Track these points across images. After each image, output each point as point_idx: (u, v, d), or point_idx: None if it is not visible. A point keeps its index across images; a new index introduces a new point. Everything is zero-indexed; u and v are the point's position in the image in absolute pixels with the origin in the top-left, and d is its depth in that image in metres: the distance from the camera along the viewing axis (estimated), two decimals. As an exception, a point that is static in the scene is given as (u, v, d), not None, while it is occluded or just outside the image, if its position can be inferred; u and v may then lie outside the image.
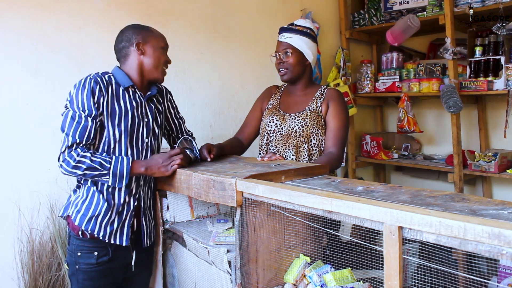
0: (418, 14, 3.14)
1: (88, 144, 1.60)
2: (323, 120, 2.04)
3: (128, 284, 1.82)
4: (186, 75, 2.69)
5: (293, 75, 2.06)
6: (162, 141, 1.89)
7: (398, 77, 3.39)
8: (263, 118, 2.15)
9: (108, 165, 1.57)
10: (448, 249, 0.95)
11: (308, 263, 1.46)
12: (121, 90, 1.69)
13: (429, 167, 3.23)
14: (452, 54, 2.91)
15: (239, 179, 1.42)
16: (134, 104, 1.70)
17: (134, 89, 1.72)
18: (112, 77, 1.70)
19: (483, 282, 0.95)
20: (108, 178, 1.59)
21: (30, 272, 2.07)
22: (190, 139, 1.92)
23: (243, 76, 2.96)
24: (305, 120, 2.01)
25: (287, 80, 2.09)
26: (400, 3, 3.26)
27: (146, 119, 1.74)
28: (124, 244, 1.69)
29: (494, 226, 0.82)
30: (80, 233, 1.65)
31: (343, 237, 1.37)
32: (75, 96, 1.61)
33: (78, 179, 1.71)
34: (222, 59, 2.87)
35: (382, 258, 1.01)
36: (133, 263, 1.75)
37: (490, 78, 2.86)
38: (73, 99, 1.61)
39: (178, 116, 1.97)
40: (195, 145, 1.89)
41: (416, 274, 1.10)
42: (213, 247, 1.62)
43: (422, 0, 3.13)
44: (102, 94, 1.62)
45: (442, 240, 0.91)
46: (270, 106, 2.16)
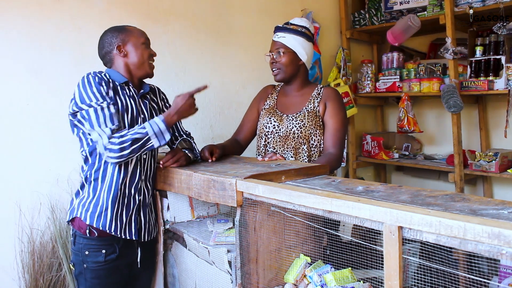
0: (418, 14, 3.13)
1: (121, 128, 1.63)
2: (321, 120, 2.03)
3: (134, 281, 1.83)
4: (187, 75, 2.69)
5: (285, 75, 2.05)
6: None
7: (398, 77, 3.39)
8: (261, 119, 2.14)
9: (144, 130, 1.59)
10: (448, 249, 0.95)
11: (308, 263, 1.46)
12: (119, 87, 1.71)
13: (429, 167, 3.23)
14: (452, 54, 2.91)
15: (239, 179, 1.42)
16: (131, 100, 1.73)
17: (129, 85, 1.74)
18: (108, 74, 1.72)
19: (484, 282, 0.95)
20: (152, 141, 1.60)
21: (31, 272, 2.07)
22: (189, 140, 1.93)
23: (244, 76, 2.96)
24: (303, 121, 2.00)
25: (280, 80, 2.08)
26: (400, 3, 3.26)
27: (142, 115, 1.76)
28: (134, 238, 1.72)
29: (494, 226, 0.82)
30: (87, 231, 1.66)
31: (344, 237, 1.37)
32: (85, 93, 1.61)
33: (85, 176, 1.70)
34: (223, 59, 2.87)
35: (382, 258, 1.01)
36: (138, 260, 1.77)
37: (490, 78, 2.85)
38: (84, 98, 1.61)
39: None
40: (195, 145, 1.90)
41: (416, 274, 1.10)
42: (213, 247, 1.62)
43: (423, 0, 3.13)
44: (107, 87, 1.65)
45: (442, 240, 0.91)
46: (267, 107, 2.15)
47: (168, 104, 1.96)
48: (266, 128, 2.07)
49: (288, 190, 1.26)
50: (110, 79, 1.70)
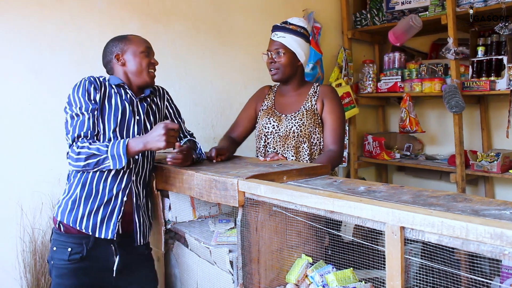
0: (420, 14, 3.13)
1: (89, 136, 1.61)
2: (320, 118, 2.04)
3: None
4: (188, 76, 2.69)
5: (284, 76, 2.06)
6: None
7: (400, 77, 3.39)
8: (259, 120, 2.13)
9: (105, 148, 1.56)
10: (450, 249, 0.95)
11: (310, 263, 1.46)
12: (113, 91, 1.72)
13: (431, 167, 3.23)
14: (454, 54, 2.91)
15: (241, 179, 1.42)
16: (125, 102, 1.73)
17: (125, 89, 1.75)
18: (106, 78, 1.75)
19: (486, 282, 0.95)
20: (109, 162, 1.56)
21: (33, 272, 2.08)
22: (194, 140, 1.93)
23: (245, 76, 2.96)
24: (302, 119, 2.00)
25: (278, 80, 2.09)
26: (402, 3, 3.25)
27: (137, 117, 1.75)
28: (109, 236, 1.65)
29: (496, 226, 0.82)
30: (57, 226, 1.67)
31: (345, 237, 1.37)
32: (72, 98, 1.66)
33: (69, 174, 1.71)
34: (224, 60, 2.87)
35: (384, 258, 1.01)
36: (115, 268, 1.68)
37: (492, 78, 2.85)
38: (70, 101, 1.66)
39: (178, 116, 1.97)
40: (199, 145, 1.90)
41: (418, 274, 1.10)
42: (215, 247, 1.62)
43: (424, 0, 3.12)
44: (96, 92, 1.67)
45: (444, 240, 0.91)
46: (265, 108, 2.15)
47: (173, 104, 1.96)
48: (265, 128, 2.07)
49: (290, 190, 1.26)
50: (106, 84, 1.72)
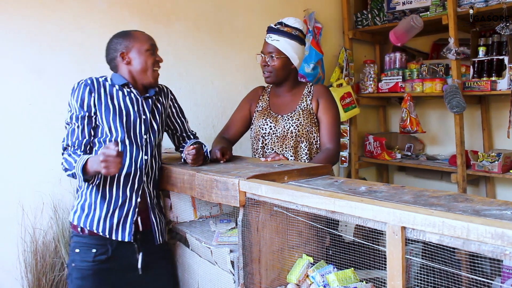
0: (421, 14, 3.13)
1: (76, 146, 1.64)
2: (315, 117, 2.05)
3: None
4: (189, 76, 2.69)
5: (277, 79, 2.06)
6: (162, 138, 1.89)
7: (401, 77, 3.39)
8: (255, 121, 2.13)
9: (74, 164, 1.58)
10: (451, 249, 0.95)
11: (311, 263, 1.46)
12: (115, 90, 1.72)
13: (432, 168, 3.23)
14: (455, 54, 2.91)
15: (242, 179, 1.42)
16: (129, 102, 1.72)
17: (129, 88, 1.74)
18: (107, 78, 1.74)
19: (486, 282, 0.95)
20: (76, 176, 1.59)
21: (34, 272, 2.08)
22: (201, 142, 1.92)
23: (246, 76, 2.96)
24: (299, 119, 2.01)
25: (271, 82, 2.10)
26: (403, 3, 3.25)
27: (144, 116, 1.75)
28: (126, 239, 1.67)
29: (497, 227, 0.82)
30: (79, 229, 1.68)
31: (346, 237, 1.37)
32: (70, 103, 1.69)
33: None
34: (225, 60, 2.87)
35: (385, 258, 1.01)
36: (139, 265, 1.71)
37: (493, 78, 2.85)
38: (69, 107, 1.70)
39: (181, 115, 1.97)
40: (207, 147, 1.89)
41: (419, 274, 1.10)
42: (216, 247, 1.62)
43: (425, 0, 3.12)
44: (92, 96, 1.67)
45: (445, 240, 0.90)
46: (260, 109, 2.15)
47: (176, 103, 1.96)
48: (262, 130, 2.07)
49: (290, 190, 1.26)
50: (106, 84, 1.71)
